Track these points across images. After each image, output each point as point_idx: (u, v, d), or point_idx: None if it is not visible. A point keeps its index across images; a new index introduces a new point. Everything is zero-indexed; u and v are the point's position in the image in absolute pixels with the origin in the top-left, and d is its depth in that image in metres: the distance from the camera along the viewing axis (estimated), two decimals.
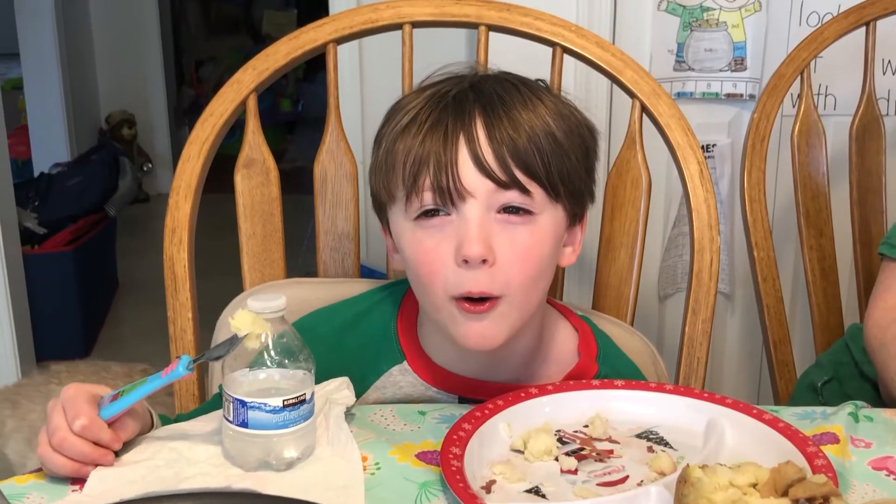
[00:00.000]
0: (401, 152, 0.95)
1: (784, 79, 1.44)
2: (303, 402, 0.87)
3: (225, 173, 1.31)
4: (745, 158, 1.41)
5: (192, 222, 1.22)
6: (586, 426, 0.96)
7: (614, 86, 1.30)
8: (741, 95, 1.84)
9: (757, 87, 1.82)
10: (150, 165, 4.51)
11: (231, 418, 0.87)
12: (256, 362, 0.87)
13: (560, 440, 0.93)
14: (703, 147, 1.26)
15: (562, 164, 0.95)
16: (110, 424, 0.87)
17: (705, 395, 0.98)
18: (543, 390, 0.99)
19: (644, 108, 1.25)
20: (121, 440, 0.88)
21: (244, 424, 0.86)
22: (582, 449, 0.92)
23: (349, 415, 0.97)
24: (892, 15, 1.49)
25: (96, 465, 0.87)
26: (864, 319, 1.22)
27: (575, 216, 1.01)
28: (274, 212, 1.26)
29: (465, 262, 0.91)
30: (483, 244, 0.91)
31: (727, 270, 1.88)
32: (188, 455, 0.89)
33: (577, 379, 1.03)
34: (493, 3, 1.28)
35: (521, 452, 0.91)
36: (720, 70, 1.84)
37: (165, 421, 0.98)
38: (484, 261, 0.91)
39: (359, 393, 1.01)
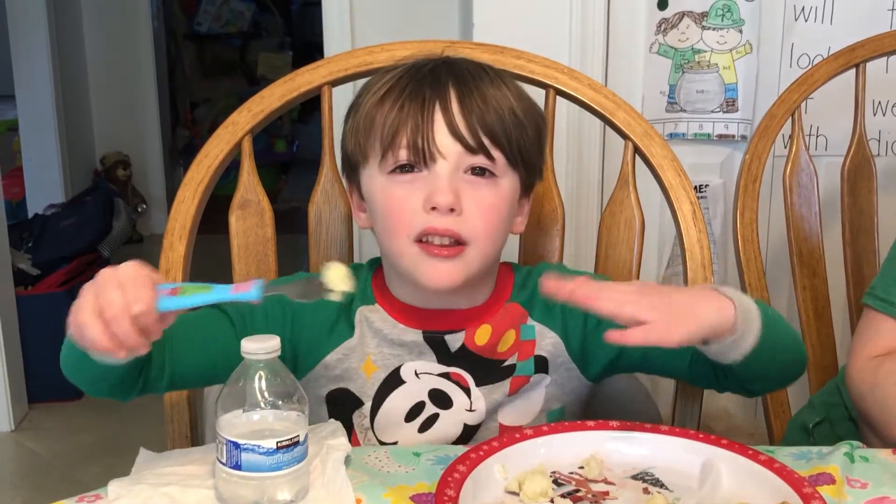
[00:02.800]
0: (380, 115, 1.04)
1: (775, 120, 1.45)
2: (296, 443, 0.87)
3: (219, 214, 1.31)
4: (737, 199, 1.42)
5: (187, 263, 1.22)
6: (581, 467, 0.95)
7: (607, 127, 1.31)
8: (733, 136, 1.86)
9: (748, 128, 1.84)
10: (144, 206, 4.51)
11: (224, 460, 0.86)
12: (250, 403, 0.87)
13: (555, 482, 0.92)
14: (695, 187, 1.27)
15: (521, 136, 1.06)
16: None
17: (700, 435, 0.98)
18: (539, 431, 0.98)
19: (637, 150, 1.26)
20: (161, 333, 0.88)
21: (237, 467, 0.86)
22: (577, 490, 0.92)
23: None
24: (881, 57, 1.51)
25: (127, 350, 0.85)
26: (848, 366, 1.21)
27: (527, 187, 1.11)
28: (268, 252, 1.26)
29: (434, 209, 1.01)
30: (452, 195, 1.01)
31: None
32: (181, 499, 0.89)
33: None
34: (486, 46, 1.29)
35: (517, 494, 0.91)
36: (712, 111, 1.85)
37: None
38: (451, 210, 1.01)
39: (350, 329, 1.10)
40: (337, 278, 0.88)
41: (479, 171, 1.03)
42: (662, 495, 0.90)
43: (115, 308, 0.83)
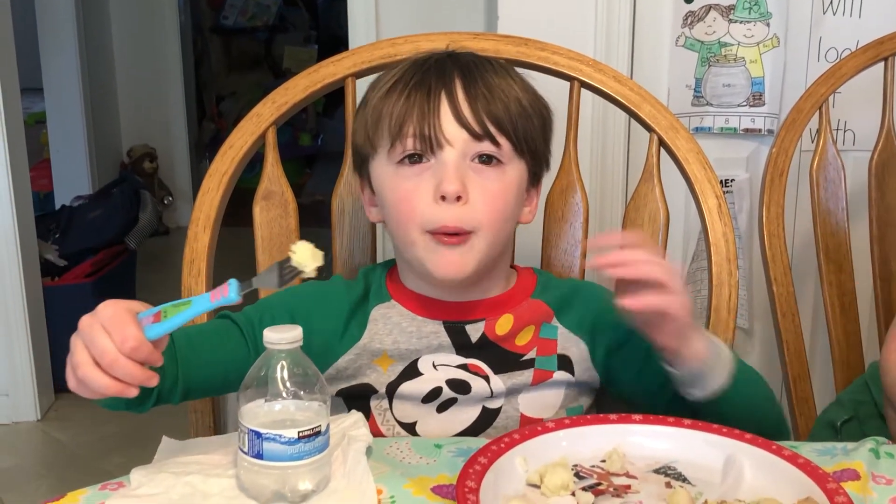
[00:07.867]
0: (387, 107, 1.06)
1: (802, 114, 1.43)
2: (318, 433, 0.87)
3: (244, 207, 1.31)
4: (763, 193, 1.41)
5: (211, 254, 1.23)
6: (603, 461, 0.95)
7: (632, 120, 1.30)
8: (759, 130, 1.84)
9: (775, 122, 1.82)
10: (170, 199, 4.54)
11: (246, 450, 0.87)
12: (272, 393, 0.87)
13: (577, 475, 0.92)
14: (721, 182, 1.26)
15: (526, 124, 1.07)
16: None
17: (724, 430, 0.97)
18: (560, 424, 0.98)
19: (662, 143, 1.26)
20: (161, 358, 0.88)
21: (259, 456, 0.86)
22: (599, 484, 0.91)
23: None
24: None
25: (139, 386, 0.85)
26: (886, 353, 1.20)
27: (534, 176, 1.13)
28: (291, 244, 1.26)
29: (443, 198, 1.02)
30: (459, 182, 1.02)
31: (746, 305, 1.87)
32: (202, 488, 0.89)
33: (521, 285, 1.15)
34: (510, 38, 1.28)
35: (538, 487, 0.90)
36: (738, 105, 1.84)
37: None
38: (458, 198, 1.02)
39: (361, 329, 1.11)
40: (305, 257, 0.89)
41: (485, 159, 1.05)
42: (685, 489, 0.90)
43: (109, 354, 0.83)
